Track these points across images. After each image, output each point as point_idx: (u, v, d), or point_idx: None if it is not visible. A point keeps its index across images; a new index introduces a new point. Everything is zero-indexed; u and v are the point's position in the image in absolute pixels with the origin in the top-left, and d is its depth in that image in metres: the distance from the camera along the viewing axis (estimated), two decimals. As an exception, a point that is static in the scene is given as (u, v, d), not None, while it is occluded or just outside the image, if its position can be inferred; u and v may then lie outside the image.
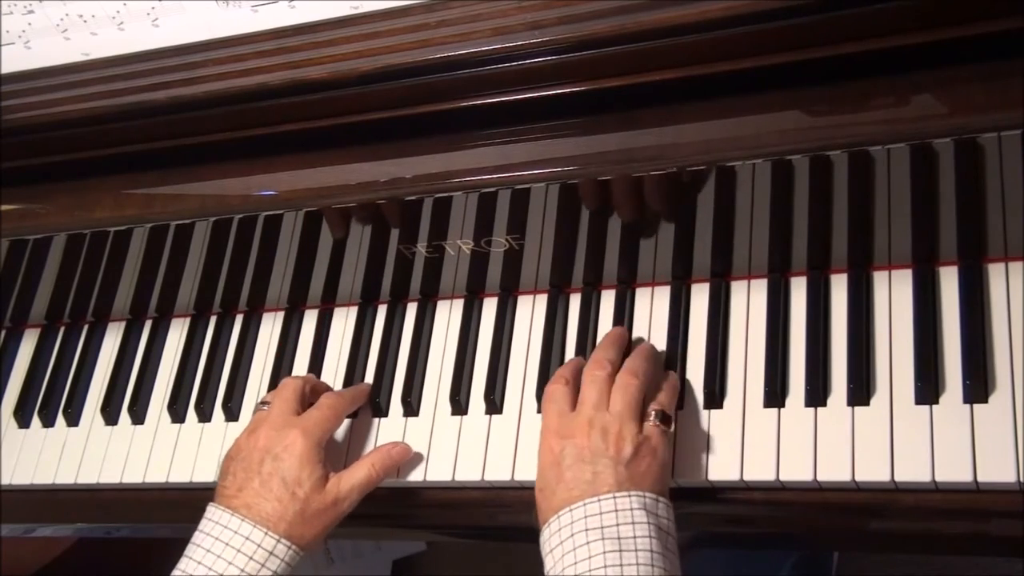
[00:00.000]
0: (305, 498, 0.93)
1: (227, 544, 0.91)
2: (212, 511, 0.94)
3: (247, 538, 0.91)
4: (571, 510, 0.84)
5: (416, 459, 1.02)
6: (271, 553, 0.91)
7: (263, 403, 1.01)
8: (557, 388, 0.93)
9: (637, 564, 0.80)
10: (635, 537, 0.81)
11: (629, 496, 0.83)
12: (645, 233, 0.99)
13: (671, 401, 0.93)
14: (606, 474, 0.85)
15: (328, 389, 1.06)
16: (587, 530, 0.82)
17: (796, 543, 1.18)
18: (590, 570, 0.80)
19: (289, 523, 0.92)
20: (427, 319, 1.09)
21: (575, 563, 0.81)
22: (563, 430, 0.89)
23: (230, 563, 0.90)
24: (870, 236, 0.92)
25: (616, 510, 0.83)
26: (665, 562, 0.81)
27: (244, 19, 0.93)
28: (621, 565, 0.80)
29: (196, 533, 0.93)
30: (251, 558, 0.90)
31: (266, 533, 0.91)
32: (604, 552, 0.80)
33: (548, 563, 0.85)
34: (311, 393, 1.03)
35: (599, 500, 0.83)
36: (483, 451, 1.00)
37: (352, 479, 0.96)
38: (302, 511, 0.93)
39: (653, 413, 0.89)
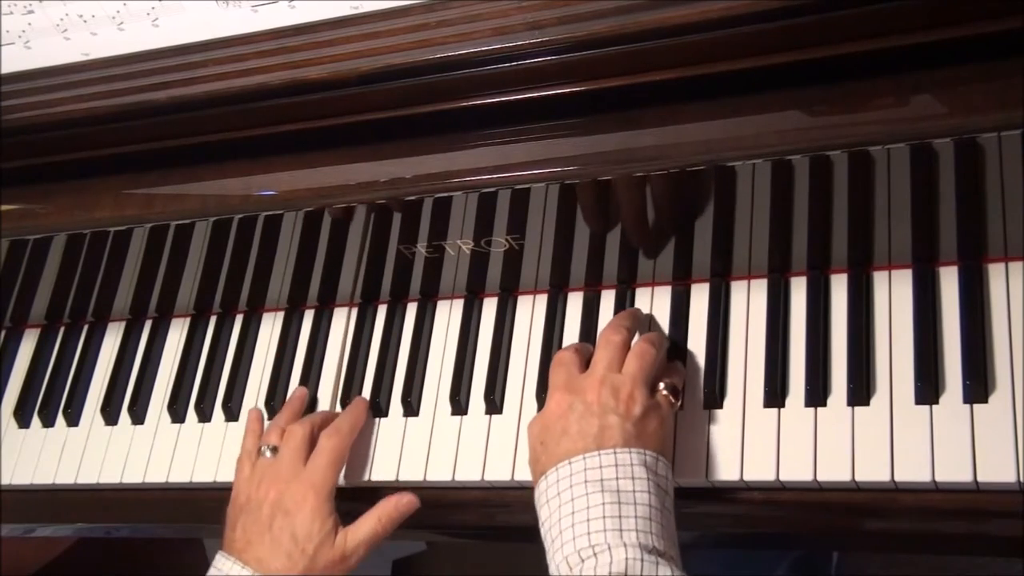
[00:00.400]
0: (315, 553, 0.93)
1: None
2: (220, 561, 0.94)
3: None
4: (571, 463, 0.84)
5: (416, 459, 1.02)
6: None
7: (268, 447, 1.00)
8: (567, 353, 0.94)
9: (635, 517, 0.80)
10: (634, 491, 0.82)
11: (630, 452, 0.84)
12: (645, 233, 0.98)
13: (680, 381, 0.94)
14: (614, 430, 0.85)
15: (330, 417, 1.04)
16: (586, 482, 0.83)
17: (796, 543, 1.18)
18: (588, 520, 0.80)
19: None
20: (427, 319, 1.09)
21: (572, 512, 0.82)
22: (573, 386, 0.89)
23: None
24: (870, 236, 0.92)
25: (616, 464, 0.83)
26: (662, 518, 0.82)
27: (244, 19, 0.93)
28: (620, 517, 0.80)
29: None
30: None
31: None
32: (603, 503, 0.81)
33: (543, 513, 0.85)
34: (320, 430, 1.01)
35: (599, 454, 0.84)
36: (483, 451, 1.00)
37: (359, 535, 0.95)
38: (310, 567, 0.93)
39: (663, 385, 0.90)
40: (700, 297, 1.00)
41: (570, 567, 0.79)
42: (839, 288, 0.95)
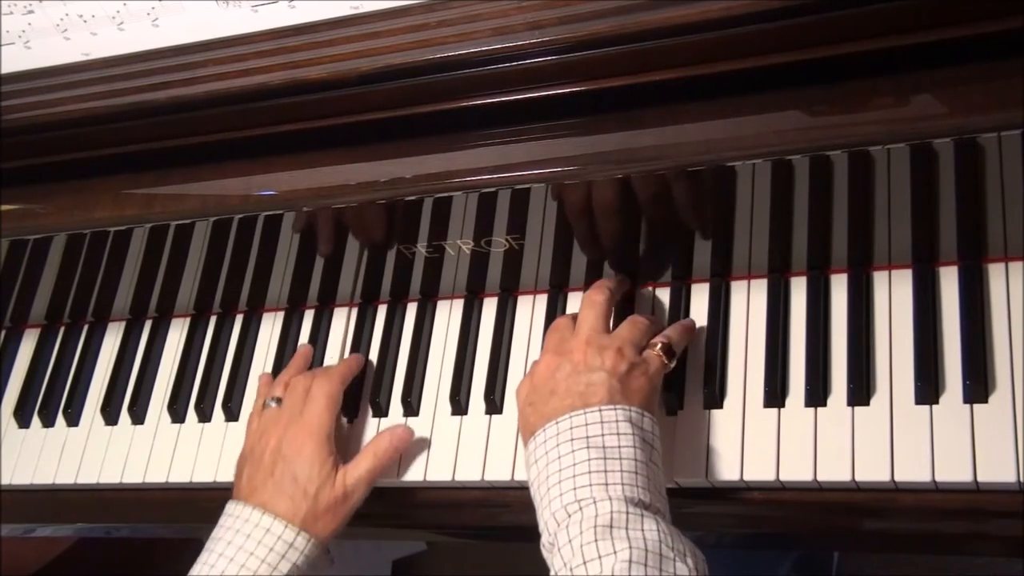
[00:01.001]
0: (317, 493, 0.95)
1: (248, 535, 0.93)
2: (231, 507, 0.96)
3: (268, 529, 0.93)
4: (557, 423, 0.86)
5: (416, 459, 1.02)
6: (291, 544, 0.93)
7: (273, 399, 1.02)
8: (563, 320, 0.96)
9: (621, 471, 0.81)
10: (619, 447, 0.83)
11: (615, 409, 0.85)
12: (645, 233, 0.98)
13: (679, 339, 0.94)
14: (599, 386, 0.87)
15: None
16: (572, 440, 0.84)
17: (796, 543, 1.18)
18: (574, 476, 0.81)
19: (303, 520, 0.94)
20: (427, 319, 1.09)
21: (560, 470, 0.83)
22: (561, 348, 0.92)
23: (252, 553, 0.92)
24: (870, 236, 0.92)
25: (601, 421, 0.84)
26: (648, 471, 0.83)
27: (244, 19, 0.93)
28: (605, 471, 0.81)
29: (216, 528, 0.95)
30: (272, 548, 0.92)
31: (286, 525, 0.93)
32: (589, 459, 0.82)
33: (531, 474, 0.86)
34: None
35: (585, 413, 0.85)
36: (483, 451, 1.00)
37: (358, 472, 0.98)
38: (314, 509, 0.95)
39: (659, 344, 0.92)
40: (700, 297, 1.00)
41: (557, 522, 0.80)
42: (839, 288, 0.95)
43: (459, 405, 1.03)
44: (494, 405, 1.02)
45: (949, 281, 0.92)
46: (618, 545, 0.76)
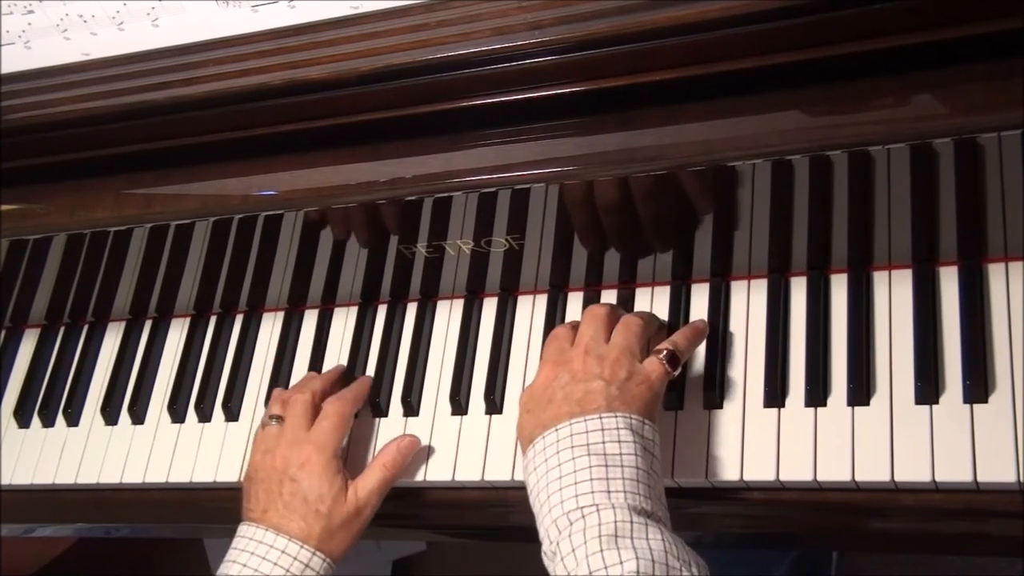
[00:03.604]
0: (329, 511, 0.94)
1: (264, 557, 0.92)
2: (243, 528, 0.95)
3: (283, 551, 0.92)
4: (557, 429, 0.85)
5: (416, 459, 1.02)
6: (307, 565, 0.92)
7: (273, 417, 1.00)
8: (561, 329, 0.95)
9: (623, 479, 0.81)
10: (621, 454, 0.82)
11: (615, 416, 0.84)
12: (645, 233, 0.98)
13: (687, 344, 0.93)
14: (596, 394, 0.86)
15: (329, 382, 1.05)
16: (573, 447, 0.83)
17: (796, 543, 1.18)
18: (575, 483, 0.81)
19: (318, 539, 0.93)
20: (427, 319, 1.09)
21: (560, 477, 0.82)
22: (561, 358, 0.91)
23: (275, 564, 0.91)
24: (870, 236, 0.92)
25: (602, 428, 0.83)
26: (650, 479, 0.82)
27: (244, 19, 0.93)
28: (607, 479, 0.80)
29: (230, 551, 0.94)
30: (288, 570, 0.91)
31: (301, 546, 0.92)
32: (590, 466, 0.81)
33: (531, 481, 0.85)
34: (321, 397, 1.03)
35: (585, 420, 0.84)
36: (483, 451, 1.00)
37: (368, 484, 0.97)
38: (327, 527, 0.93)
39: (664, 351, 0.90)
40: (700, 297, 1.00)
41: (559, 530, 0.79)
42: (839, 288, 0.95)
43: (459, 405, 1.03)
44: (494, 405, 1.02)
45: (949, 281, 0.92)
46: (624, 555, 0.75)
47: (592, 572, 0.75)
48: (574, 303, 1.04)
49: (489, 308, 1.08)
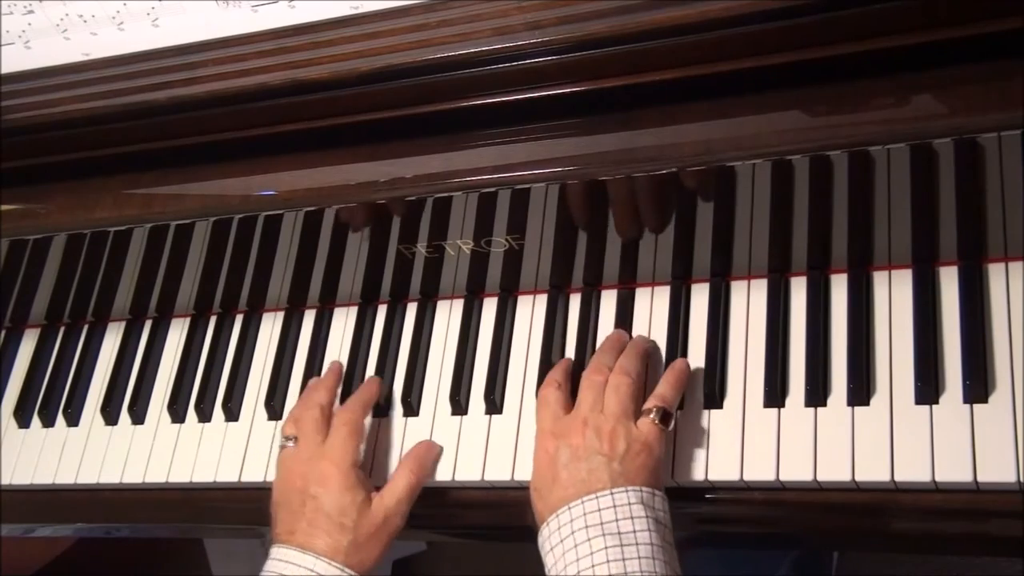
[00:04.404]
0: (354, 525, 0.93)
1: None
2: (274, 551, 0.93)
3: (311, 570, 0.90)
4: (570, 508, 0.84)
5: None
6: None
7: (288, 438, 0.99)
8: (550, 392, 0.94)
9: (639, 558, 0.80)
10: (635, 531, 0.82)
11: (626, 491, 0.84)
12: (645, 233, 0.98)
13: (674, 394, 0.93)
14: (600, 471, 0.85)
15: (336, 383, 1.05)
16: (587, 527, 0.83)
17: (796, 543, 1.18)
18: (592, 566, 0.80)
19: (345, 553, 0.91)
20: (427, 319, 1.09)
21: (577, 560, 0.82)
22: (558, 430, 0.90)
23: None
24: (870, 236, 0.92)
25: (615, 506, 0.83)
26: (665, 554, 0.82)
27: (244, 19, 0.93)
28: (623, 560, 0.80)
29: (263, 571, 0.92)
30: None
31: (328, 563, 0.90)
32: (605, 548, 0.81)
33: (548, 561, 0.85)
34: (330, 408, 1.02)
35: (597, 498, 0.84)
36: (483, 451, 1.00)
37: (395, 492, 0.96)
38: (355, 539, 0.92)
39: (654, 411, 0.90)
40: (700, 297, 1.00)
41: None
42: (839, 288, 0.95)
43: (459, 405, 1.03)
44: (494, 405, 1.02)
45: (949, 281, 0.92)
46: None
47: None
48: (574, 303, 1.04)
49: (489, 308, 1.08)
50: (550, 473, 0.88)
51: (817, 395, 0.91)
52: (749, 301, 0.98)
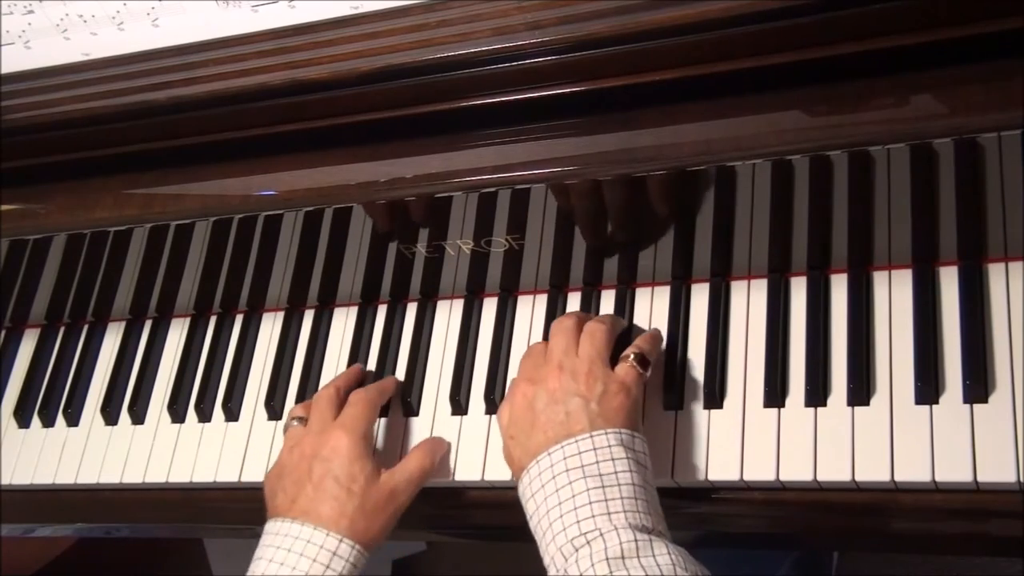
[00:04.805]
0: (362, 492, 0.91)
1: (288, 550, 0.88)
2: (269, 525, 0.92)
3: (308, 541, 0.88)
4: (549, 454, 0.85)
5: (416, 459, 1.02)
6: (334, 553, 0.88)
7: (296, 419, 0.99)
8: (538, 346, 0.95)
9: (621, 498, 0.81)
10: (616, 472, 0.82)
11: (606, 434, 0.84)
12: (645, 233, 0.99)
13: (652, 348, 0.94)
14: (578, 413, 0.86)
15: (352, 377, 1.05)
16: (568, 471, 0.83)
17: (796, 543, 1.18)
18: (575, 508, 0.81)
19: (351, 519, 0.90)
20: (427, 319, 1.09)
21: (559, 503, 0.82)
22: (535, 376, 0.91)
23: (293, 568, 0.87)
24: (870, 236, 0.92)
25: (595, 448, 0.83)
26: (646, 494, 0.82)
27: (244, 19, 0.93)
28: (606, 500, 0.80)
29: (257, 548, 0.91)
30: (314, 560, 0.88)
31: (327, 534, 0.89)
32: (587, 490, 0.81)
33: (530, 508, 0.85)
34: (346, 392, 1.01)
35: (577, 441, 0.84)
36: (483, 451, 1.00)
37: (407, 470, 0.95)
38: (361, 506, 0.91)
39: (631, 355, 0.91)
40: (700, 297, 1.00)
41: (564, 557, 0.79)
42: (839, 288, 0.95)
43: (459, 405, 1.03)
44: (494, 405, 1.02)
45: (949, 281, 0.92)
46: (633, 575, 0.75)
47: None
48: (574, 303, 1.04)
49: (489, 308, 1.08)
50: (527, 418, 0.88)
51: (817, 395, 0.91)
52: (749, 301, 0.98)
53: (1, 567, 1.39)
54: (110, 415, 1.18)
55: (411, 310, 1.11)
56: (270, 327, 1.16)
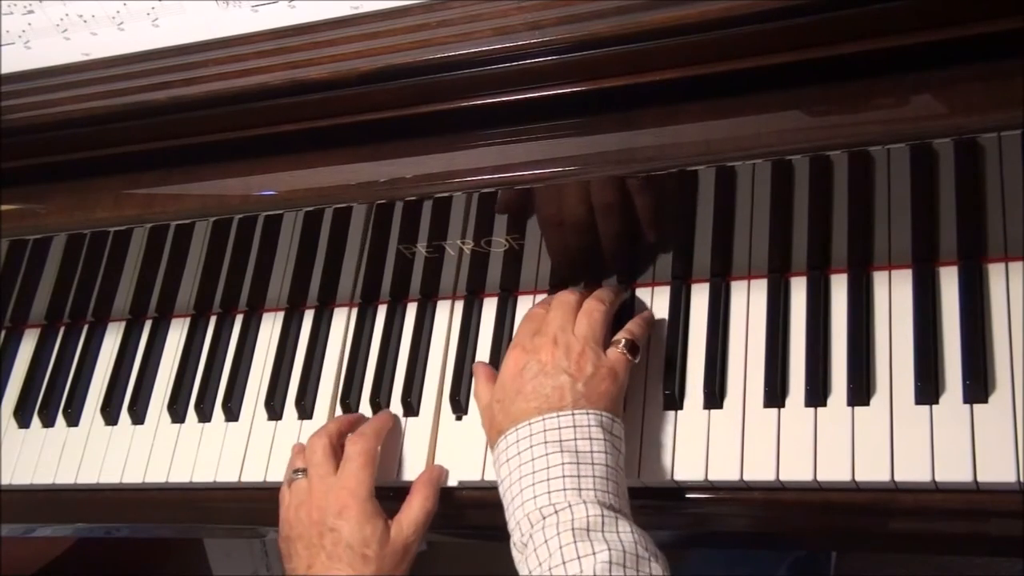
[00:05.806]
0: (377, 556, 0.91)
1: None
2: None
3: None
4: (530, 424, 0.87)
5: (416, 460, 1.02)
6: None
7: (298, 471, 0.98)
8: (538, 310, 0.97)
9: (593, 476, 0.83)
10: (591, 452, 0.85)
11: (587, 414, 0.87)
12: (645, 233, 0.98)
13: (641, 332, 0.96)
14: (564, 390, 0.88)
15: (344, 423, 1.03)
16: (546, 443, 0.85)
17: (796, 543, 1.18)
18: (548, 479, 0.83)
19: None
20: (427, 319, 1.09)
21: (533, 472, 0.84)
22: (529, 345, 0.92)
23: None
24: (870, 236, 0.92)
25: (575, 426, 0.86)
26: (617, 476, 0.85)
27: (244, 19, 0.93)
28: (578, 476, 0.83)
29: None
30: None
31: None
32: (562, 463, 0.84)
33: (503, 472, 0.87)
34: (338, 438, 1.00)
35: (558, 416, 0.86)
36: (483, 451, 1.00)
37: (414, 519, 0.94)
38: (378, 570, 0.90)
39: (623, 341, 0.93)
40: (700, 297, 1.00)
41: (531, 523, 0.82)
42: (839, 288, 0.95)
43: (459, 405, 1.03)
44: (494, 405, 1.02)
45: (949, 281, 0.92)
46: (597, 547, 0.78)
47: (565, 561, 0.78)
48: (574, 303, 1.04)
49: (489, 308, 1.08)
50: (515, 385, 0.90)
51: (817, 395, 0.91)
52: (749, 301, 0.98)
53: (1, 567, 1.39)
54: (110, 415, 1.18)
55: (411, 310, 1.11)
56: (270, 327, 1.16)
